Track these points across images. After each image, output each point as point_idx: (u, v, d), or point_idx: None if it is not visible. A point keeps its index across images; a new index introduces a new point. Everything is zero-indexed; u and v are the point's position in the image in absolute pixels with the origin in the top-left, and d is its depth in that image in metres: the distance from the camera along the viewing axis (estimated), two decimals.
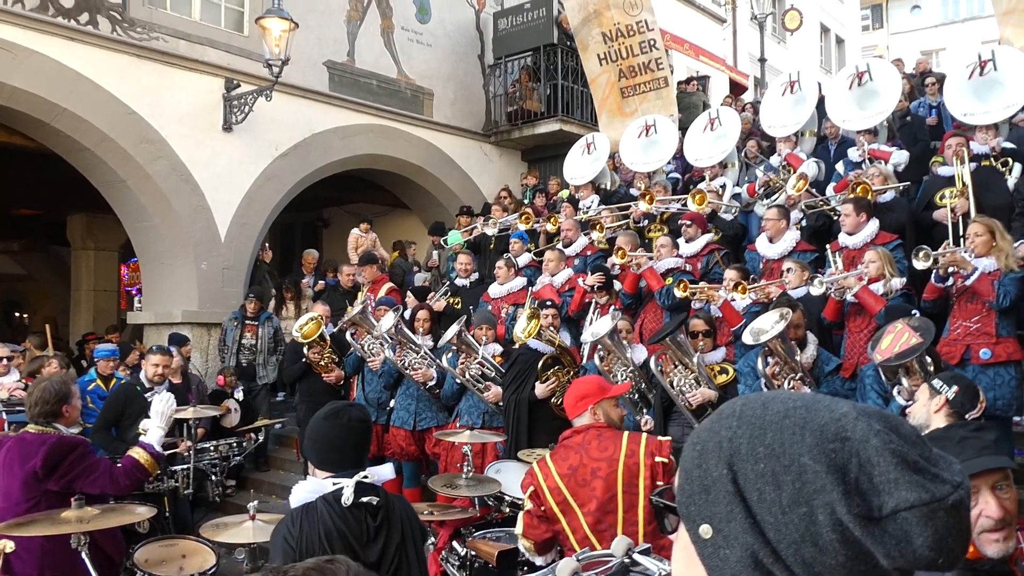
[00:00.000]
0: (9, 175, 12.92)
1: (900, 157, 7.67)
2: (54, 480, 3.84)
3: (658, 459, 3.33)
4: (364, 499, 2.55)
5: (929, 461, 0.81)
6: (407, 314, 7.81)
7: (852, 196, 6.60)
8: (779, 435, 0.83)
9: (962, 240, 5.92)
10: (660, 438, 3.55)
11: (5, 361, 6.99)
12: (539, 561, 3.45)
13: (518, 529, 3.44)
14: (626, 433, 3.44)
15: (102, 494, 4.08)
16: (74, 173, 10.18)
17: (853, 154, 7.95)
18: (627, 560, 2.40)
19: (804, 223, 7.41)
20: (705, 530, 0.86)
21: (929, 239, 6.31)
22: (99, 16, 9.19)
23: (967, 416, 3.31)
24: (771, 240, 6.83)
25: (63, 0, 8.91)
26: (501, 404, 6.26)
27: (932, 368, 4.53)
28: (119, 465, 4.14)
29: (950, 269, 5.40)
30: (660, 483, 3.28)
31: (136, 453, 4.19)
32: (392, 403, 6.94)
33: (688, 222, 7.56)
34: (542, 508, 3.32)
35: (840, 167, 8.00)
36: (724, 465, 0.86)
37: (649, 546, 3.09)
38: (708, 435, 0.90)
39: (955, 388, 3.27)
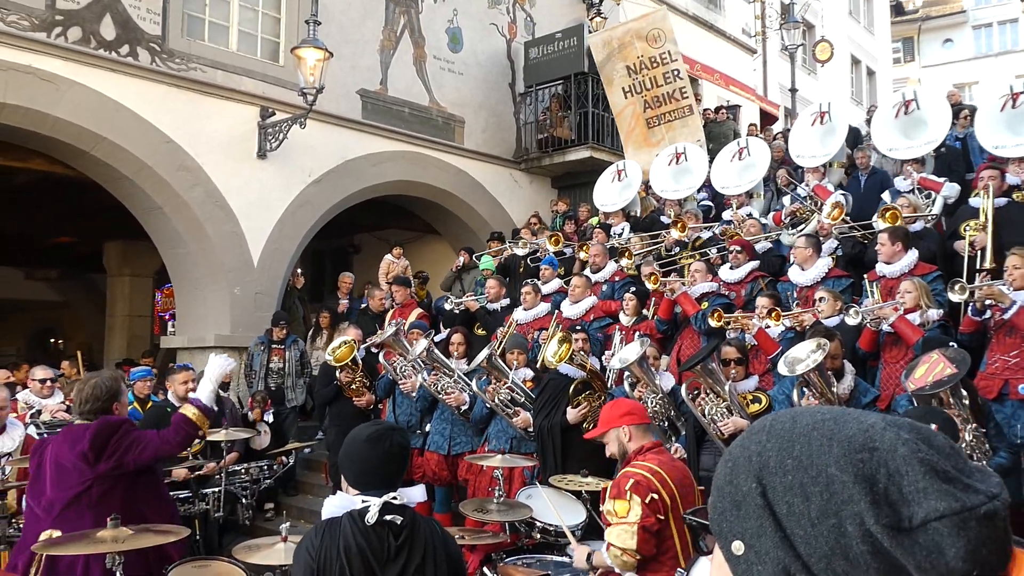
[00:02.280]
0: (48, 205, 13.22)
1: (951, 190, 7.51)
2: (104, 460, 3.82)
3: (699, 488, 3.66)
4: (388, 517, 2.55)
5: (962, 472, 0.79)
6: (441, 337, 7.85)
7: (888, 226, 6.54)
8: (807, 447, 0.83)
9: (977, 275, 5.85)
10: None
11: (48, 383, 7.01)
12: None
13: (627, 544, 3.30)
14: None
15: (156, 459, 4.08)
16: (111, 201, 10.38)
17: (901, 184, 7.86)
18: None
19: (840, 252, 7.35)
20: (737, 546, 0.86)
21: (950, 267, 6.25)
22: (139, 48, 9.42)
23: None
24: (802, 268, 6.80)
25: (105, 33, 9.15)
26: (530, 430, 6.24)
27: (967, 401, 4.46)
28: (171, 425, 4.14)
29: (987, 302, 5.31)
30: None
31: (185, 409, 4.18)
32: (428, 427, 6.95)
33: (738, 248, 7.52)
34: (661, 517, 3.31)
35: (887, 197, 7.91)
36: (753, 479, 0.85)
37: (682, 571, 3.08)
38: (739, 451, 0.90)
39: (934, 426, 3.14)
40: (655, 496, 3.29)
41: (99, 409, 4.00)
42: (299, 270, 11.51)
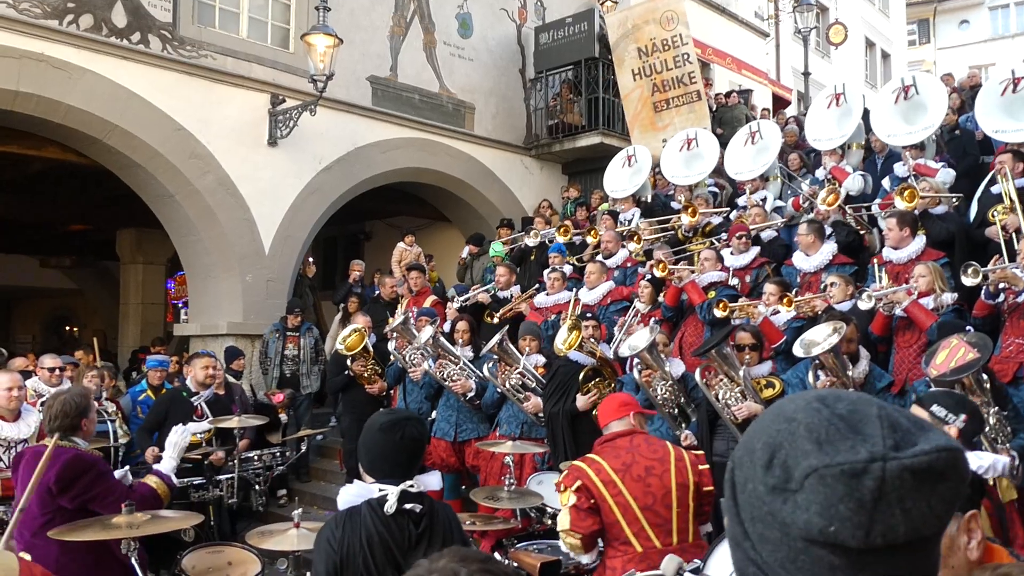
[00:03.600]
0: (63, 193, 13.30)
1: (946, 176, 7.47)
2: (68, 498, 3.75)
3: (701, 467, 3.57)
4: (407, 506, 2.56)
5: (856, 432, 0.83)
6: (447, 325, 7.85)
7: (897, 210, 6.48)
8: (757, 424, 0.91)
9: (1018, 256, 5.77)
10: (695, 452, 3.77)
11: (58, 372, 6.84)
12: (585, 559, 3.54)
13: (564, 525, 3.45)
14: (667, 442, 3.63)
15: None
16: (124, 189, 10.43)
17: (900, 169, 7.80)
18: None
19: (833, 239, 7.30)
20: (726, 523, 0.94)
21: (984, 255, 6.17)
22: (150, 35, 9.42)
23: (973, 440, 3.22)
24: (807, 254, 6.77)
25: (116, 20, 9.16)
26: (541, 415, 6.25)
27: (987, 385, 4.43)
28: (135, 491, 4.01)
29: (1001, 285, 5.27)
30: (707, 488, 3.53)
31: (153, 482, 4.11)
32: (433, 414, 6.97)
33: (743, 233, 7.48)
34: (591, 501, 3.40)
35: (886, 183, 7.86)
36: (731, 459, 0.93)
37: (699, 563, 3.09)
38: None
39: (963, 416, 3.14)
40: (580, 482, 3.42)
41: (68, 426, 3.90)
42: (311, 259, 11.53)
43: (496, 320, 8.52)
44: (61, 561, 3.68)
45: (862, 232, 7.37)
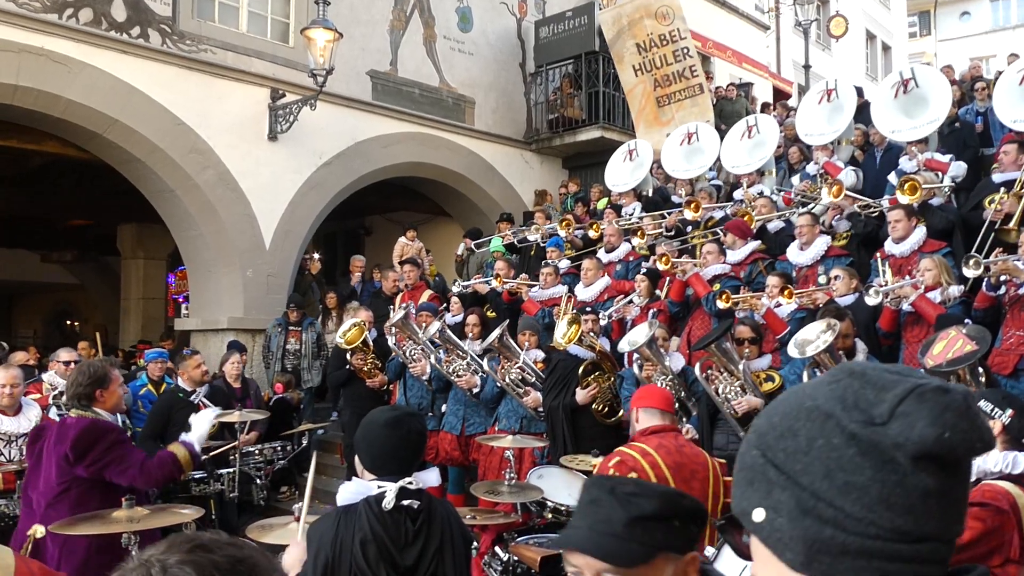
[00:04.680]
0: (64, 188, 13.30)
1: (959, 169, 7.37)
2: (83, 466, 3.69)
3: (726, 479, 3.52)
4: (405, 502, 2.55)
5: (905, 373, 0.92)
6: (454, 319, 7.86)
7: (907, 199, 6.43)
8: (788, 402, 0.96)
9: (1020, 248, 5.77)
10: (719, 460, 3.70)
11: (73, 365, 6.97)
12: None
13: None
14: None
15: (131, 487, 3.88)
16: (124, 184, 10.42)
17: (907, 164, 7.75)
18: None
19: (852, 231, 7.28)
20: (758, 514, 0.94)
21: (973, 239, 6.19)
22: (150, 29, 9.41)
23: (1022, 440, 3.15)
24: (802, 247, 6.76)
25: (116, 15, 9.15)
26: (540, 410, 6.26)
27: (983, 379, 4.42)
28: (154, 457, 3.98)
29: (1002, 277, 5.26)
30: (727, 500, 3.47)
31: (176, 449, 4.06)
32: (443, 408, 6.99)
33: (727, 230, 7.47)
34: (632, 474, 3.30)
35: (893, 178, 7.81)
36: (754, 449, 0.96)
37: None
38: (742, 445, 1.01)
39: (1010, 412, 3.07)
40: (635, 476, 3.24)
41: (81, 395, 3.84)
42: (316, 255, 11.53)
43: (496, 286, 8.49)
44: (69, 539, 3.66)
45: (876, 214, 7.32)
